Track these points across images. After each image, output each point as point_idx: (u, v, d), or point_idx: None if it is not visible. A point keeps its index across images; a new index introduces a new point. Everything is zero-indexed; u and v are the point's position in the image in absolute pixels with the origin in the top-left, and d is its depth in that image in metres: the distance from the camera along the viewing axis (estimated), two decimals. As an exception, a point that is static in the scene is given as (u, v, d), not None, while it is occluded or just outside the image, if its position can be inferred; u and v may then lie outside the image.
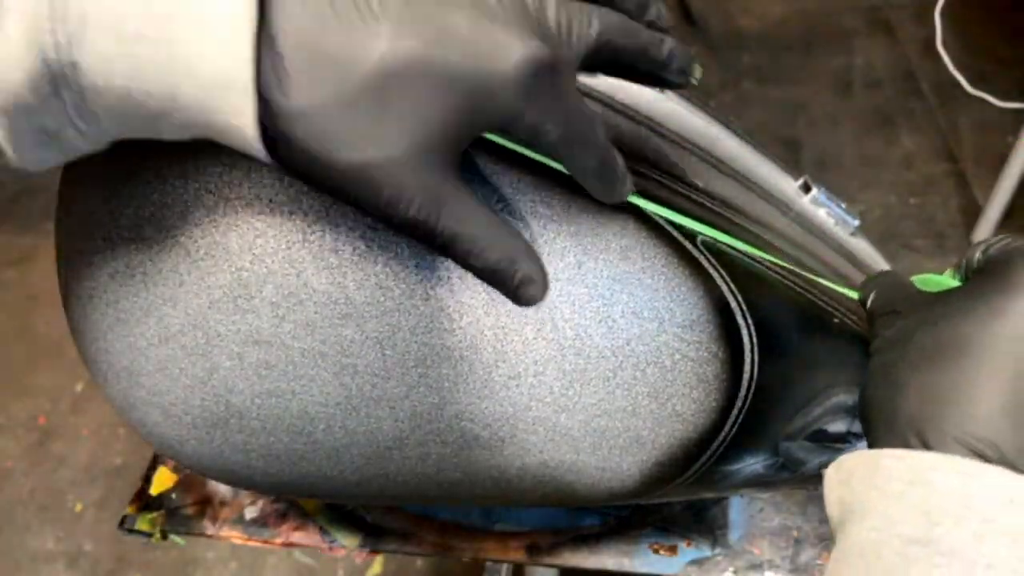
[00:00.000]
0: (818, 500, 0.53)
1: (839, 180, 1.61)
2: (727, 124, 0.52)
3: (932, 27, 1.43)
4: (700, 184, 0.41)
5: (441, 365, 0.34)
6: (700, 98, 0.53)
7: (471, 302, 0.34)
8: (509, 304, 0.34)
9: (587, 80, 0.42)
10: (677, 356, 0.36)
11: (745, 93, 1.83)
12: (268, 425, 0.35)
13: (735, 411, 0.38)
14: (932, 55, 1.48)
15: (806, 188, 0.51)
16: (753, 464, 0.42)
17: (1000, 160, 1.42)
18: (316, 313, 0.33)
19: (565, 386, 0.35)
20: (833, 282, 0.40)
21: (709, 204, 0.40)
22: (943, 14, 1.41)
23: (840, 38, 1.95)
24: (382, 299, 0.33)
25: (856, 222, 0.51)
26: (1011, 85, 1.53)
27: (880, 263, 0.53)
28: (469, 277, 0.33)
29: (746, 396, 0.38)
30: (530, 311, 0.34)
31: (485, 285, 0.31)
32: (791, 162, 0.54)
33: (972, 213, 1.52)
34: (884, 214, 1.57)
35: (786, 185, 0.51)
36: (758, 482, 0.43)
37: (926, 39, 1.67)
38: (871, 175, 1.64)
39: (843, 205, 0.52)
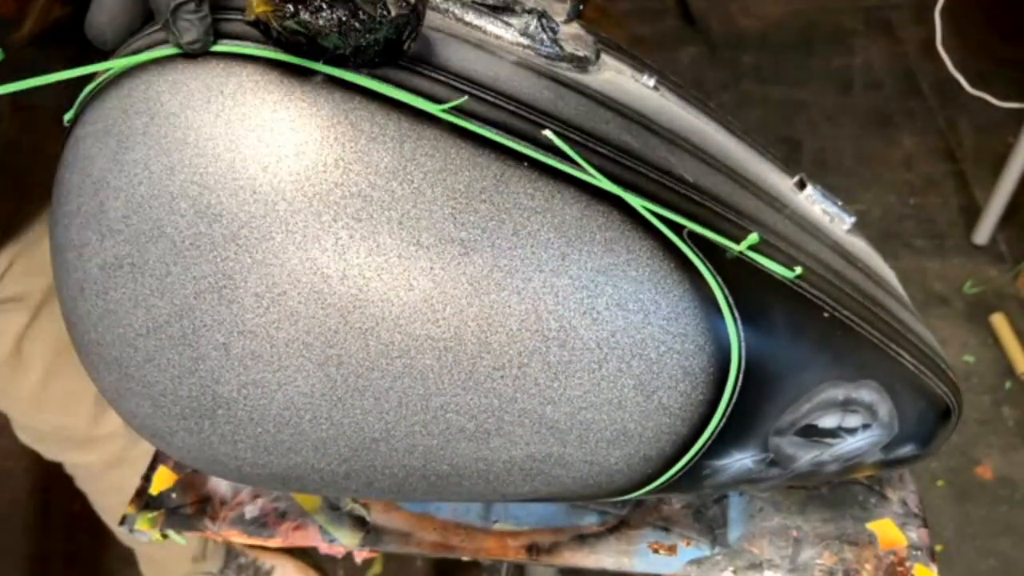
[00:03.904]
0: (818, 499, 0.53)
1: (839, 180, 1.61)
2: (724, 122, 0.52)
3: (932, 27, 1.43)
4: (690, 179, 0.41)
5: (425, 356, 0.34)
6: (698, 96, 0.53)
7: (455, 292, 0.34)
8: (493, 295, 0.34)
9: (581, 77, 0.43)
10: (663, 348, 0.36)
11: (745, 93, 1.83)
12: (255, 416, 0.35)
13: (723, 405, 0.38)
14: (932, 55, 1.48)
15: (801, 185, 0.51)
16: (742, 459, 0.42)
17: (1000, 160, 1.42)
18: (300, 303, 0.33)
19: (550, 378, 0.36)
20: (827, 278, 0.40)
21: (698, 199, 0.40)
22: (943, 14, 1.41)
23: (840, 38, 1.95)
24: (365, 289, 0.33)
25: (852, 219, 0.51)
26: (1011, 85, 1.53)
27: (878, 260, 0.53)
28: (453, 268, 0.34)
29: (734, 390, 0.38)
30: (514, 302, 0.34)
31: (468, 276, 0.32)
32: (791, 162, 0.54)
33: (972, 213, 1.52)
34: (884, 214, 1.57)
35: (781, 182, 0.51)
36: (748, 478, 0.43)
37: (926, 39, 1.67)
38: (871, 175, 1.64)
39: (839, 202, 0.52)
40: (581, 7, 0.47)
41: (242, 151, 0.33)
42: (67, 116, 0.39)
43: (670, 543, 0.51)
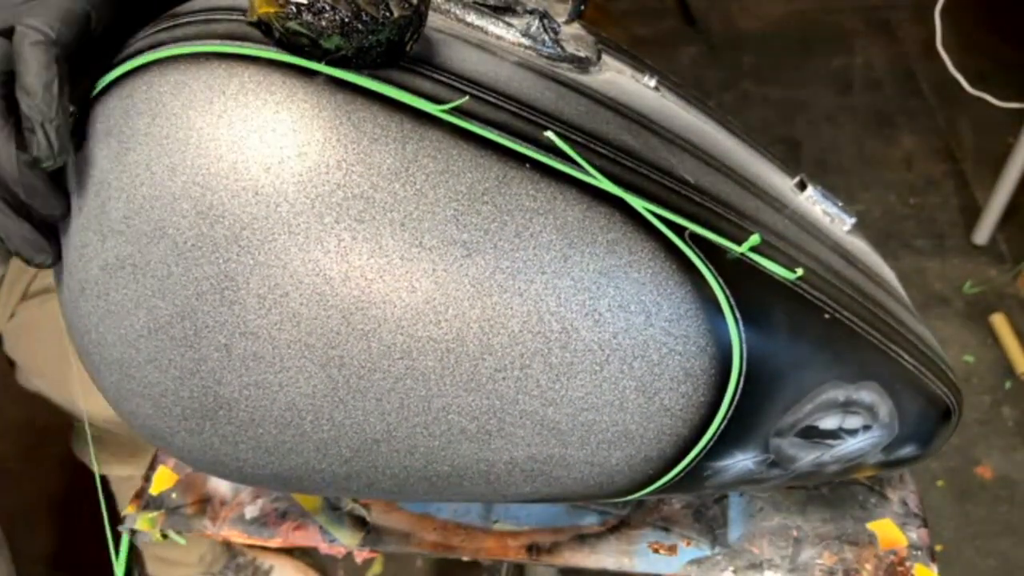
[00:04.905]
0: (818, 499, 0.53)
1: (839, 180, 1.61)
2: (724, 122, 0.52)
3: (932, 27, 1.43)
4: (691, 180, 0.41)
5: (427, 357, 0.34)
6: (697, 96, 0.53)
7: (456, 294, 0.34)
8: (495, 296, 0.34)
9: (582, 78, 0.43)
10: (664, 350, 0.36)
11: (745, 93, 1.83)
12: (256, 417, 0.35)
13: (724, 406, 0.38)
14: (932, 55, 1.48)
15: (802, 186, 0.51)
16: (743, 460, 0.42)
17: (1000, 160, 1.42)
18: (302, 305, 0.33)
19: (552, 379, 0.36)
20: (828, 279, 0.40)
21: (699, 200, 0.40)
22: (943, 14, 1.41)
23: (840, 38, 1.96)
24: (367, 291, 0.33)
25: (852, 219, 0.51)
26: (1011, 85, 1.53)
27: (878, 261, 0.53)
28: (455, 269, 0.34)
29: (735, 391, 0.38)
30: (516, 304, 0.34)
31: (470, 277, 0.31)
32: (791, 162, 0.54)
33: (972, 213, 1.52)
34: (884, 214, 1.57)
35: (781, 182, 0.51)
36: (749, 479, 0.43)
37: (926, 39, 1.67)
38: (871, 175, 1.64)
39: (839, 203, 0.52)
40: (582, 8, 0.47)
41: (244, 152, 0.33)
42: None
43: (670, 543, 0.51)
